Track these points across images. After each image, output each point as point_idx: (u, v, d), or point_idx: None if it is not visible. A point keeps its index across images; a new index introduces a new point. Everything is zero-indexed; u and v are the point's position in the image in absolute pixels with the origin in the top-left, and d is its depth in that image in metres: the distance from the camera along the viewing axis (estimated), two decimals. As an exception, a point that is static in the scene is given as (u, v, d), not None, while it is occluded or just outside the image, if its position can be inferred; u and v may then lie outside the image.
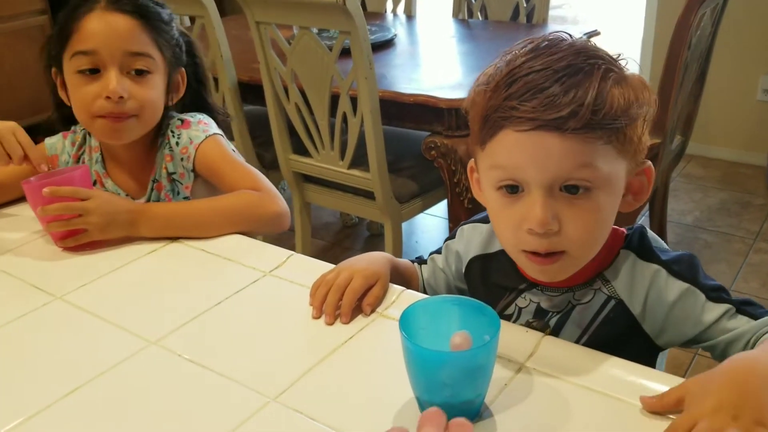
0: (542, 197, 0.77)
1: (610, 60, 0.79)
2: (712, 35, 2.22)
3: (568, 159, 0.75)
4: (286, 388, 0.79)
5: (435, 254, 1.08)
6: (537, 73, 0.76)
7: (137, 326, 0.92)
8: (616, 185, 0.80)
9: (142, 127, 1.21)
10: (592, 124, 0.74)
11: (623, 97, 0.76)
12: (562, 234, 0.78)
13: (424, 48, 2.81)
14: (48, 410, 0.78)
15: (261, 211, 1.16)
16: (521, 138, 0.76)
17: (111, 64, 1.14)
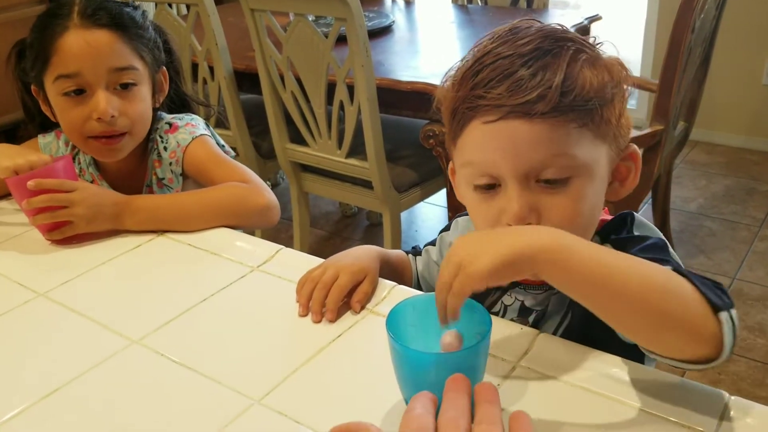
0: (518, 190, 0.74)
1: (582, 42, 0.76)
2: (716, 18, 2.18)
3: (540, 148, 0.72)
4: (270, 389, 0.76)
5: (430, 246, 1.05)
6: (504, 59, 0.73)
7: (120, 324, 0.89)
8: (597, 172, 0.76)
9: (135, 141, 1.19)
10: (562, 106, 0.71)
11: (596, 77, 0.73)
12: (541, 224, 0.75)
13: (422, 34, 2.77)
14: (28, 411, 0.76)
15: (248, 203, 1.14)
16: (489, 130, 0.73)
17: (97, 84, 1.11)
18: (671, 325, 0.63)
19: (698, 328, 0.63)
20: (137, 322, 0.89)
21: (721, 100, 3.28)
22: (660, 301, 0.63)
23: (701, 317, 0.63)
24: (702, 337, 0.64)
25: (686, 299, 0.64)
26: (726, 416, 0.68)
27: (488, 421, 0.54)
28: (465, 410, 0.55)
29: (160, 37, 1.23)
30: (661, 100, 2.01)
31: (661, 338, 0.66)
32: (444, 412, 0.55)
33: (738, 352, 2.09)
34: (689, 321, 0.63)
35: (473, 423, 0.54)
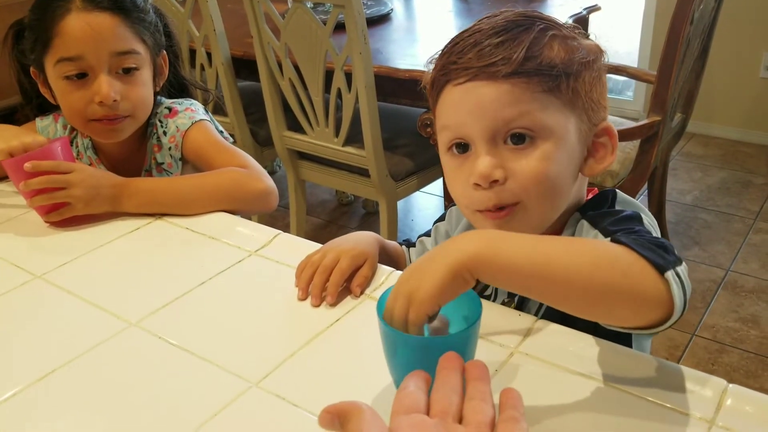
0: (485, 149, 0.77)
1: (556, 24, 0.80)
2: (715, 10, 2.18)
3: (503, 107, 0.75)
4: (268, 372, 0.76)
5: (424, 237, 1.06)
6: (479, 33, 0.78)
7: (118, 307, 0.89)
8: (566, 139, 0.78)
9: (137, 123, 1.19)
10: (525, 70, 0.75)
11: (564, 49, 0.77)
12: (509, 184, 0.77)
13: (421, 23, 2.77)
14: (24, 392, 0.75)
15: (246, 187, 1.14)
16: (459, 91, 0.78)
17: (99, 68, 1.11)
18: (619, 298, 0.63)
19: (646, 294, 0.63)
20: (135, 304, 0.89)
21: (718, 93, 3.28)
22: (602, 277, 0.63)
23: (647, 282, 0.63)
24: (652, 302, 0.63)
25: (628, 269, 0.63)
26: (724, 403, 0.68)
27: (479, 397, 0.55)
28: (457, 387, 0.56)
29: (160, 20, 1.23)
30: (659, 91, 2.01)
31: (613, 313, 0.66)
32: (436, 389, 0.56)
33: (731, 344, 2.10)
34: (635, 289, 0.63)
35: (465, 399, 0.55)
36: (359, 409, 0.52)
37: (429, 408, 0.54)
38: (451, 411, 0.53)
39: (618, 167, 2.14)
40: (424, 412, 0.53)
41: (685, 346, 2.11)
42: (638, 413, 0.68)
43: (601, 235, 0.77)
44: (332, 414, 0.53)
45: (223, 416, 0.70)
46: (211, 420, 0.70)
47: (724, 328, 2.18)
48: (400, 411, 0.53)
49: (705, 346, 2.11)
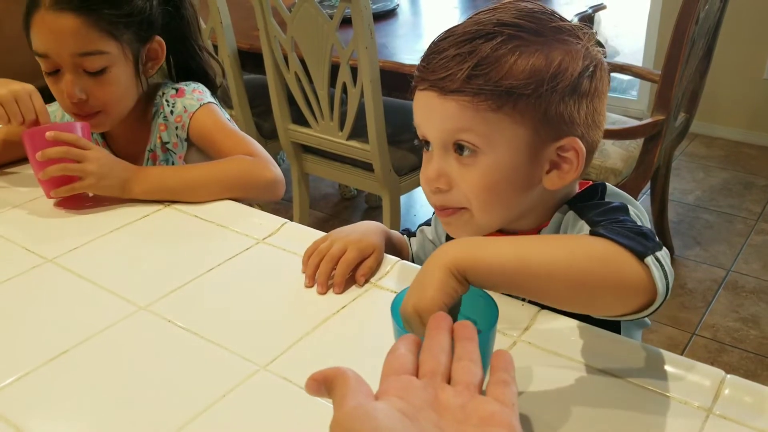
0: (436, 155, 0.80)
1: (533, 30, 0.76)
2: (721, 11, 2.19)
3: (446, 120, 0.77)
4: (276, 356, 0.77)
5: (424, 226, 1.07)
6: (449, 38, 0.78)
7: (128, 291, 0.91)
8: (510, 156, 0.77)
9: (114, 117, 1.20)
10: (469, 88, 0.75)
11: (524, 65, 0.74)
12: (453, 192, 0.80)
13: (426, 19, 2.78)
14: (34, 373, 0.77)
15: (254, 176, 1.15)
16: (418, 96, 0.81)
17: (64, 67, 1.12)
18: (600, 287, 0.64)
19: (626, 281, 0.64)
20: (144, 289, 0.91)
21: (722, 94, 3.29)
22: (581, 268, 0.64)
23: (626, 269, 0.63)
24: (633, 288, 0.64)
25: (605, 257, 0.64)
26: (722, 393, 0.70)
27: (467, 357, 0.55)
28: (446, 347, 0.56)
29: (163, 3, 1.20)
30: (663, 90, 2.02)
31: (596, 302, 0.67)
32: (425, 349, 0.56)
33: (731, 343, 2.11)
34: (615, 277, 0.64)
35: (453, 360, 0.55)
36: (344, 374, 0.52)
37: (418, 369, 0.54)
38: (440, 371, 0.53)
39: (621, 165, 2.15)
40: (413, 374, 0.54)
41: (686, 345, 2.12)
42: (638, 401, 0.70)
43: (586, 226, 0.78)
44: (318, 381, 0.53)
45: (231, 397, 0.72)
46: (220, 401, 0.71)
47: (725, 327, 2.19)
48: (389, 373, 0.54)
49: (705, 345, 2.12)
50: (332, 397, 0.51)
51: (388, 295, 0.88)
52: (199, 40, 1.31)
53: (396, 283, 0.90)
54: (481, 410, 0.49)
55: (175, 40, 1.26)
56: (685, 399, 0.69)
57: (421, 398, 0.50)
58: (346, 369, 0.53)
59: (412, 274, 0.90)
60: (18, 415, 0.71)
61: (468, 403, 0.50)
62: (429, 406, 0.50)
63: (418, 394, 0.51)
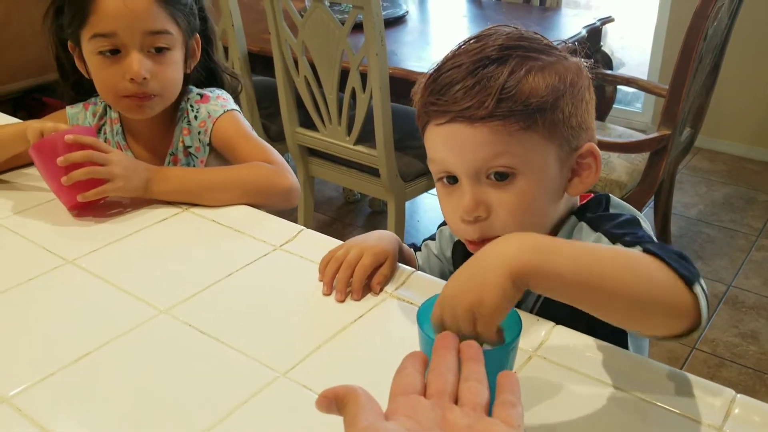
0: (469, 186, 0.80)
1: (535, 49, 0.80)
2: (728, 28, 2.21)
3: (481, 148, 0.78)
4: (296, 363, 0.78)
5: (429, 240, 1.09)
6: (457, 68, 0.79)
7: (148, 294, 0.92)
8: (545, 171, 0.80)
9: (166, 103, 1.22)
10: (500, 112, 0.76)
11: (542, 82, 0.78)
12: (491, 220, 0.81)
13: (435, 26, 2.79)
14: (56, 375, 0.78)
15: (272, 183, 1.17)
16: (440, 131, 0.80)
17: (131, 46, 1.14)
18: (655, 313, 0.66)
19: (678, 306, 0.65)
20: (164, 292, 0.92)
21: (726, 109, 3.31)
22: (642, 289, 0.64)
23: (679, 294, 0.65)
24: (682, 313, 0.65)
25: (664, 281, 0.65)
26: (732, 412, 0.71)
27: (474, 378, 0.55)
28: (453, 367, 0.56)
29: (196, 4, 1.25)
30: (670, 105, 2.04)
31: (646, 322, 0.68)
32: (433, 369, 0.56)
33: (730, 359, 2.13)
34: (670, 301, 0.65)
35: (460, 380, 0.55)
36: (355, 393, 0.53)
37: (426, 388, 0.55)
38: (447, 391, 0.54)
39: (626, 178, 2.17)
40: (421, 393, 0.54)
41: (685, 359, 2.14)
42: (650, 418, 0.71)
43: (604, 238, 0.80)
44: (329, 399, 0.54)
45: (252, 404, 0.73)
46: (241, 407, 0.73)
47: (724, 342, 2.21)
48: (397, 392, 0.54)
49: (704, 360, 2.14)
50: (343, 415, 0.52)
51: (405, 305, 0.89)
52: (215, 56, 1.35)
53: (412, 293, 0.91)
54: (487, 431, 0.50)
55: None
56: (697, 417, 0.71)
57: (430, 418, 0.51)
58: (357, 388, 0.53)
59: (427, 284, 0.92)
60: (42, 415, 0.72)
61: (475, 424, 0.51)
62: (437, 426, 0.51)
63: (426, 414, 0.52)
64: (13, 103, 3.50)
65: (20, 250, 1.04)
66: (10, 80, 3.47)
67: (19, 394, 0.75)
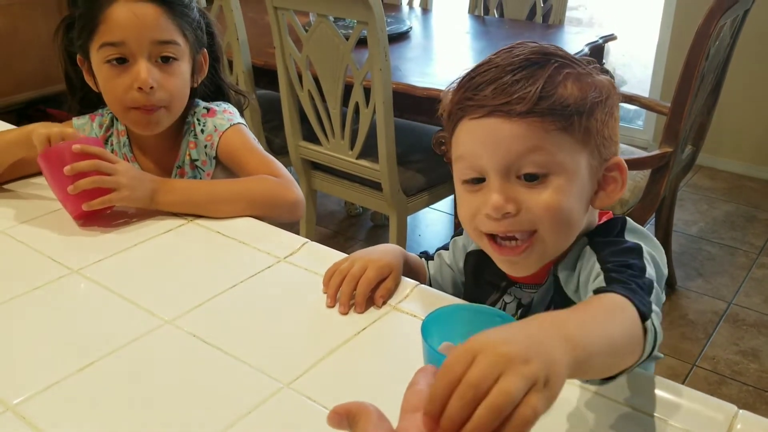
0: (499, 183, 0.79)
1: (571, 60, 0.82)
2: (730, 47, 2.22)
3: (518, 142, 0.77)
4: (299, 374, 0.79)
5: (442, 250, 1.08)
6: (496, 68, 0.80)
7: (153, 304, 0.92)
8: (577, 175, 0.80)
9: (172, 116, 1.23)
10: (540, 109, 0.77)
11: (578, 88, 0.79)
12: (522, 215, 0.80)
13: (438, 42, 2.81)
14: (60, 383, 0.78)
15: (278, 196, 1.17)
16: (474, 125, 0.80)
17: (139, 54, 1.15)
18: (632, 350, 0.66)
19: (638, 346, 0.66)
20: (169, 302, 0.92)
21: (727, 127, 3.32)
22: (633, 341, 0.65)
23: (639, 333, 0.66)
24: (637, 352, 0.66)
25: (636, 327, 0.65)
26: (734, 428, 0.71)
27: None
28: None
29: (203, 19, 1.27)
30: (672, 122, 2.05)
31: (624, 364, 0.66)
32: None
33: (730, 376, 2.13)
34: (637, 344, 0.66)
35: None
36: (367, 410, 0.53)
37: None
38: None
39: (628, 195, 2.18)
40: None
41: (685, 377, 2.13)
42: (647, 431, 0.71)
43: (597, 264, 0.80)
44: (341, 415, 0.54)
45: (256, 415, 0.73)
46: (244, 417, 0.73)
47: (725, 360, 2.20)
48: (408, 409, 0.53)
49: (705, 377, 2.13)
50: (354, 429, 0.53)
51: (408, 318, 0.90)
52: (222, 74, 1.37)
53: (415, 306, 0.92)
54: None
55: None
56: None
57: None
58: (369, 405, 0.54)
59: (430, 297, 0.93)
60: (46, 423, 0.73)
61: None
62: None
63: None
64: (17, 113, 3.51)
65: (26, 259, 1.05)
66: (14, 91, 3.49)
67: (24, 402, 0.75)
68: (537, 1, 2.95)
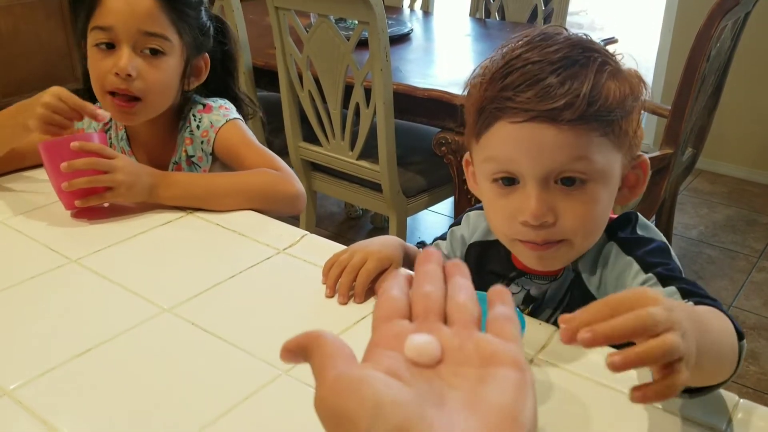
0: (537, 190, 0.77)
1: (606, 53, 0.80)
2: (731, 49, 2.22)
3: (562, 151, 0.75)
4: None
5: (440, 240, 1.08)
6: (533, 65, 0.76)
7: (151, 293, 0.92)
8: (612, 177, 0.80)
9: (150, 110, 1.21)
10: (587, 116, 0.74)
11: (619, 89, 0.77)
12: (557, 226, 0.79)
13: (439, 44, 2.81)
14: (57, 369, 0.78)
15: (278, 189, 1.17)
16: (516, 129, 0.76)
17: (125, 41, 1.15)
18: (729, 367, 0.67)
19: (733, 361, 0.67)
20: (168, 292, 0.92)
21: (728, 131, 3.32)
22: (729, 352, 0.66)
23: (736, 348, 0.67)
24: (733, 367, 0.67)
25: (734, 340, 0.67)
26: (735, 417, 0.71)
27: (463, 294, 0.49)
28: (438, 282, 0.50)
29: (215, 27, 1.27)
30: (673, 124, 2.05)
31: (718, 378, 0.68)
32: (416, 287, 0.49)
33: (730, 378, 2.12)
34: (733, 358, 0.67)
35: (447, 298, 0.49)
36: (319, 339, 0.47)
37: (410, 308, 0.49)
38: (433, 309, 0.47)
39: (628, 196, 2.17)
40: (406, 317, 0.48)
41: (685, 378, 2.13)
42: (653, 422, 0.71)
43: (636, 265, 0.80)
44: (292, 351, 0.48)
45: (253, 400, 0.73)
46: (242, 403, 0.73)
47: (724, 362, 2.19)
48: (380, 319, 0.48)
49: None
50: (312, 368, 0.46)
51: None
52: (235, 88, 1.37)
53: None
54: (481, 349, 0.44)
55: (215, 72, 1.31)
56: (700, 421, 0.71)
57: None
58: (322, 332, 0.47)
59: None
60: (43, 408, 0.72)
61: (466, 343, 0.45)
62: None
63: None
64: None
65: (24, 249, 1.04)
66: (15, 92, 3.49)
67: (20, 387, 0.75)
68: (538, 5, 2.95)
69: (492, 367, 0.43)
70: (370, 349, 0.46)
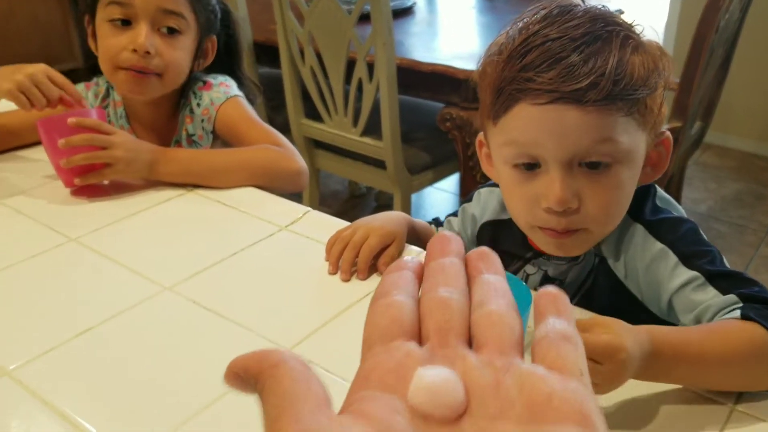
0: (561, 174, 0.74)
1: (628, 26, 0.76)
2: (740, 21, 2.19)
3: (588, 133, 0.72)
4: (301, 339, 0.77)
5: (452, 217, 1.06)
6: (553, 42, 0.72)
7: (152, 271, 0.91)
8: (637, 158, 0.77)
9: (164, 86, 1.20)
10: (613, 95, 0.71)
11: (643, 65, 0.73)
12: (581, 212, 0.75)
13: (443, 18, 2.78)
14: (57, 349, 0.77)
15: (280, 166, 1.16)
16: (538, 112, 0.72)
17: (143, 18, 1.13)
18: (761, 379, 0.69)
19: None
20: (168, 270, 0.91)
21: (737, 105, 3.29)
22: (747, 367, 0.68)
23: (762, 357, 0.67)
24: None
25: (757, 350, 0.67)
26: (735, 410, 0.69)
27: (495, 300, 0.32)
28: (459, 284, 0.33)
29: (220, 7, 1.26)
30: (681, 97, 2.02)
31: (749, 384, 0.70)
32: (426, 291, 0.33)
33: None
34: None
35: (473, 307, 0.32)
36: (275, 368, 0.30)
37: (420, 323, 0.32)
38: (455, 325, 0.31)
39: (635, 171, 2.15)
40: (412, 334, 0.31)
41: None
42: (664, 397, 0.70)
43: (673, 255, 0.77)
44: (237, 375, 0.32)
45: (256, 379, 0.72)
46: (245, 382, 0.71)
47: (732, 336, 2.18)
48: (375, 336, 0.31)
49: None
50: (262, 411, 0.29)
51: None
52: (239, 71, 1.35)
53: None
54: (528, 391, 0.28)
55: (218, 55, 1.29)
56: (710, 395, 0.70)
57: None
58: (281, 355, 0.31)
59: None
60: (43, 387, 0.71)
61: (504, 380, 0.28)
62: None
63: None
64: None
65: (24, 228, 1.03)
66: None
67: (20, 367, 0.74)
68: (543, -23, 2.91)
69: (546, 423, 0.27)
70: (357, 387, 0.30)
